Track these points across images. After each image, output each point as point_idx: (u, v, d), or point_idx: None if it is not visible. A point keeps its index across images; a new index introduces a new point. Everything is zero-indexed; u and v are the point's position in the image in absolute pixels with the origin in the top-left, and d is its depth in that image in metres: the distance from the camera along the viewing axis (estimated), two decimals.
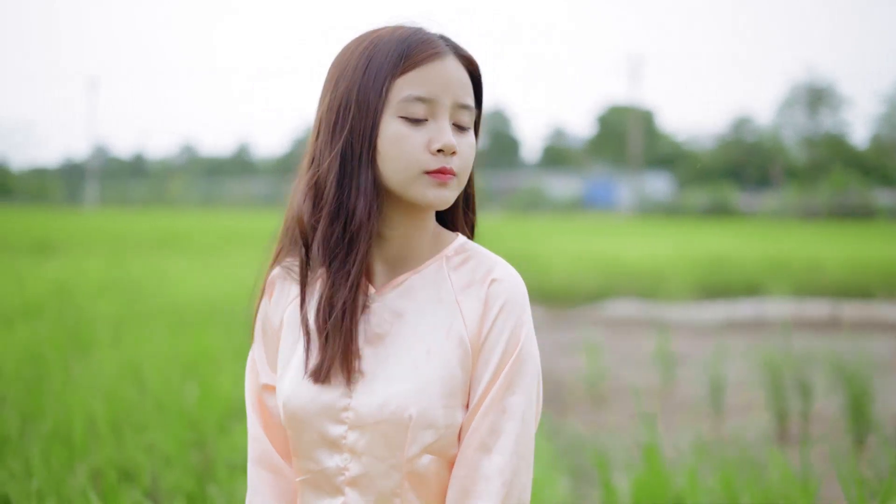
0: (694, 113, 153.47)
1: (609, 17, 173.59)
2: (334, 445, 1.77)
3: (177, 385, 5.82)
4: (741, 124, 74.27)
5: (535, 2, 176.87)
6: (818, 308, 15.36)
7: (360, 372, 1.77)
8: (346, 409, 1.76)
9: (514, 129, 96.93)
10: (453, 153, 1.75)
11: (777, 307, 15.16)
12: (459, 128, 1.78)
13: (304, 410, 1.78)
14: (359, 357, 1.77)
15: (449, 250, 1.85)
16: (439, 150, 1.74)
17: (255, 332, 1.94)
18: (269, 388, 1.90)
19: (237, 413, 5.49)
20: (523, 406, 1.75)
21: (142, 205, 69.00)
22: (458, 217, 1.92)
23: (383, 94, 1.73)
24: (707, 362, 8.81)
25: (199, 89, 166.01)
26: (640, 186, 64.96)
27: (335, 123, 1.76)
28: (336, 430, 1.76)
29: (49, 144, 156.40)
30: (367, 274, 1.82)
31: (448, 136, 1.73)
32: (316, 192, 1.78)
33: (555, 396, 8.89)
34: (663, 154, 77.30)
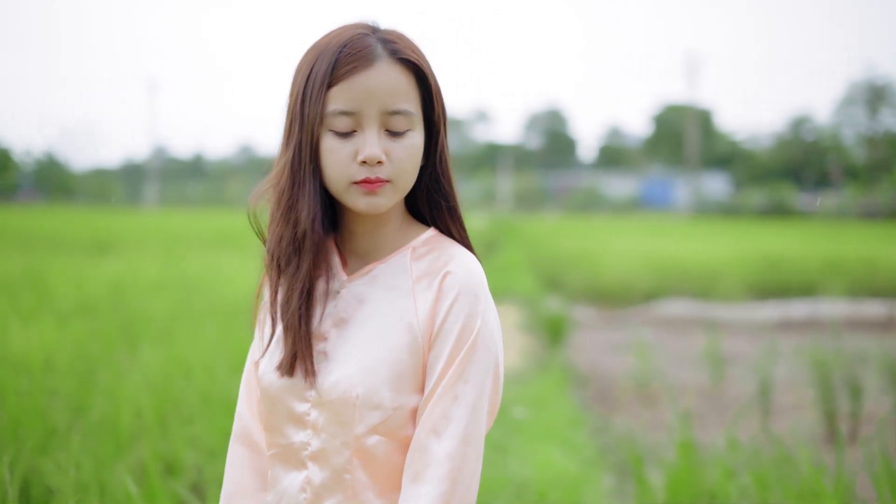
0: (751, 112, 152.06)
1: (666, 16, 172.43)
2: (300, 422, 1.88)
3: (223, 380, 5.90)
4: (799, 123, 73.52)
5: (591, 1, 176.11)
6: (873, 308, 15.20)
7: (324, 353, 1.88)
8: (309, 387, 1.87)
9: (570, 129, 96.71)
10: (379, 163, 1.79)
11: (831, 307, 15.02)
12: (394, 133, 1.81)
13: (273, 387, 1.90)
14: (324, 340, 1.89)
15: (416, 242, 1.93)
16: (364, 162, 1.79)
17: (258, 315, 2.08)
18: (258, 365, 1.99)
19: None
20: (474, 395, 1.81)
21: (200, 205, 69.59)
22: (426, 212, 1.96)
23: (319, 108, 1.79)
24: (757, 362, 8.76)
25: (257, 89, 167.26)
26: (698, 186, 64.49)
27: (288, 132, 1.85)
28: (301, 407, 1.87)
29: (110, 145, 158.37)
30: (342, 264, 1.94)
31: (370, 149, 1.78)
32: (273, 194, 1.87)
33: (605, 395, 8.89)
34: (721, 153, 76.70)
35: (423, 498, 1.77)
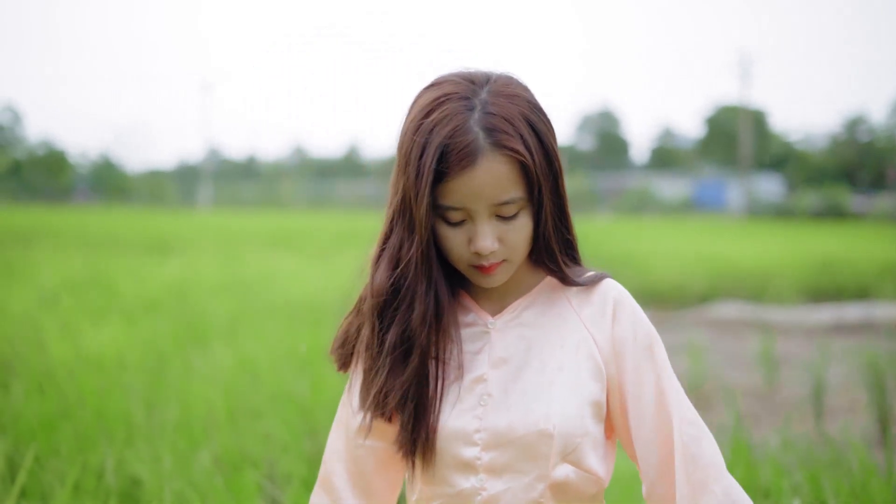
0: (806, 112, 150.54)
1: (719, 15, 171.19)
2: (469, 468, 1.88)
3: (289, 378, 6.05)
4: (854, 124, 72.64)
5: (644, 1, 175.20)
6: None
7: (489, 395, 1.89)
8: (478, 430, 1.88)
9: (622, 130, 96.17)
10: (492, 252, 1.84)
11: (886, 310, 14.93)
12: (505, 217, 1.84)
13: (439, 438, 1.89)
14: (483, 382, 1.92)
15: (553, 277, 1.99)
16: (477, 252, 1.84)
17: None
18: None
19: None
20: (679, 387, 1.98)
21: (253, 206, 69.94)
22: (548, 261, 1.97)
23: (429, 200, 1.80)
24: (810, 364, 8.78)
25: (310, 91, 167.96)
26: (751, 188, 63.94)
27: (408, 220, 1.86)
28: (470, 452, 1.88)
29: (164, 147, 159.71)
30: (478, 306, 1.99)
31: (482, 241, 1.82)
32: (392, 271, 1.89)
33: None
34: (774, 155, 75.98)
35: (732, 490, 1.86)
